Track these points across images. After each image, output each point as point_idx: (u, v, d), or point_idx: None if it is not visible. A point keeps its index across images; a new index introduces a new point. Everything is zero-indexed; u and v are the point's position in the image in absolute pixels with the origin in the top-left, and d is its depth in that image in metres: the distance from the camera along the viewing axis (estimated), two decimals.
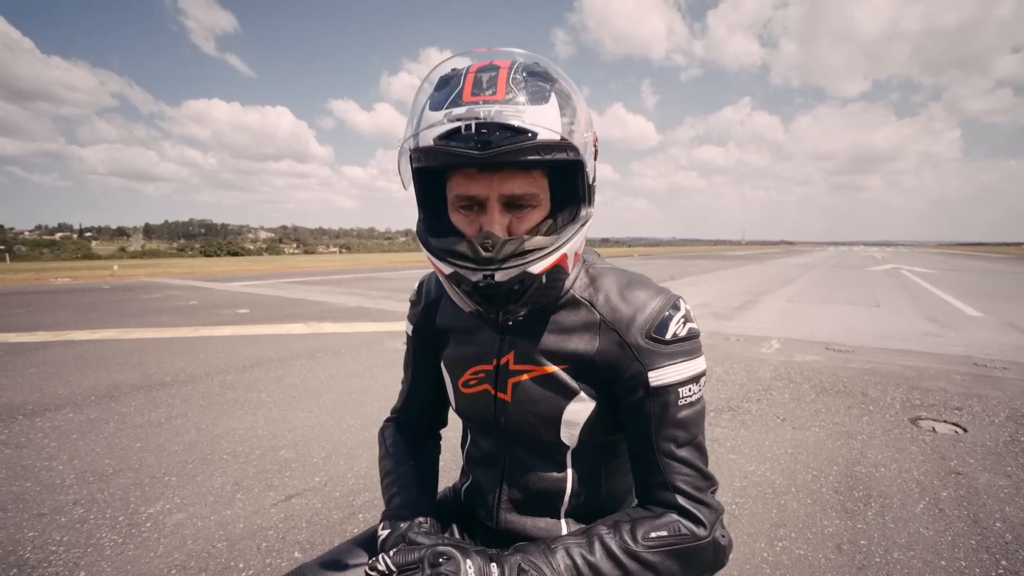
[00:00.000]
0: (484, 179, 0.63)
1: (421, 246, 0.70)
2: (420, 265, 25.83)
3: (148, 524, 2.29)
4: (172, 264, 29.85)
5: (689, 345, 0.72)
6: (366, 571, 0.62)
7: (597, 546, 0.66)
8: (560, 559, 0.65)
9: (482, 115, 0.58)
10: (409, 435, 0.95)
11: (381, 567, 0.62)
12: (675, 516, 0.69)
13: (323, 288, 13.51)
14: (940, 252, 59.80)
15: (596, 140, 0.69)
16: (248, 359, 5.46)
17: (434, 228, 0.70)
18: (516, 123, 0.58)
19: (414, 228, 0.74)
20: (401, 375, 1.02)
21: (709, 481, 0.72)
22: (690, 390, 0.71)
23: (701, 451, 0.73)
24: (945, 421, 3.56)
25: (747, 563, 2.01)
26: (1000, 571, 1.94)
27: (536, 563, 0.64)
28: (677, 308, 0.72)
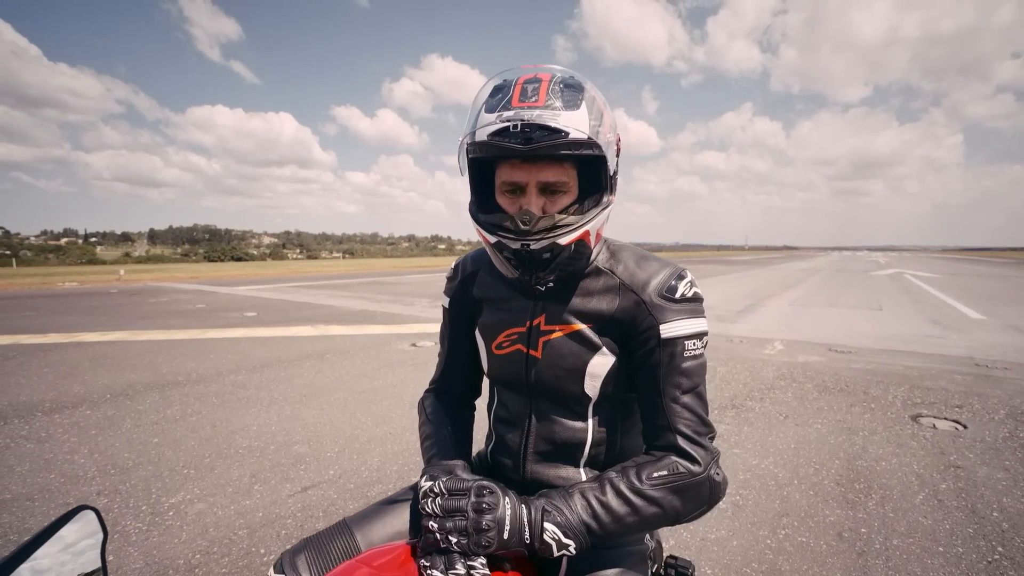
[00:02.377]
0: (525, 168, 0.77)
1: (472, 220, 0.84)
2: (423, 270, 25.95)
3: (171, 513, 2.37)
4: (177, 269, 30.05)
5: (695, 306, 0.85)
6: (419, 491, 0.74)
7: (608, 488, 0.77)
8: (577, 500, 0.76)
9: (526, 117, 0.72)
10: (446, 403, 1.06)
11: (436, 489, 0.74)
12: (673, 457, 0.80)
13: (328, 292, 13.63)
14: (943, 257, 59.68)
15: (619, 140, 0.83)
16: (258, 360, 5.56)
17: (483, 207, 0.85)
18: (552, 124, 0.72)
19: (416, 234, 0.85)
20: (399, 377, 1.12)
21: (708, 427, 0.83)
22: (695, 344, 0.83)
23: (702, 400, 0.84)
24: (945, 418, 3.62)
25: (751, 549, 2.08)
26: (996, 557, 2.01)
27: (557, 504, 0.76)
28: (683, 277, 0.86)
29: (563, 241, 0.77)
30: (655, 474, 0.78)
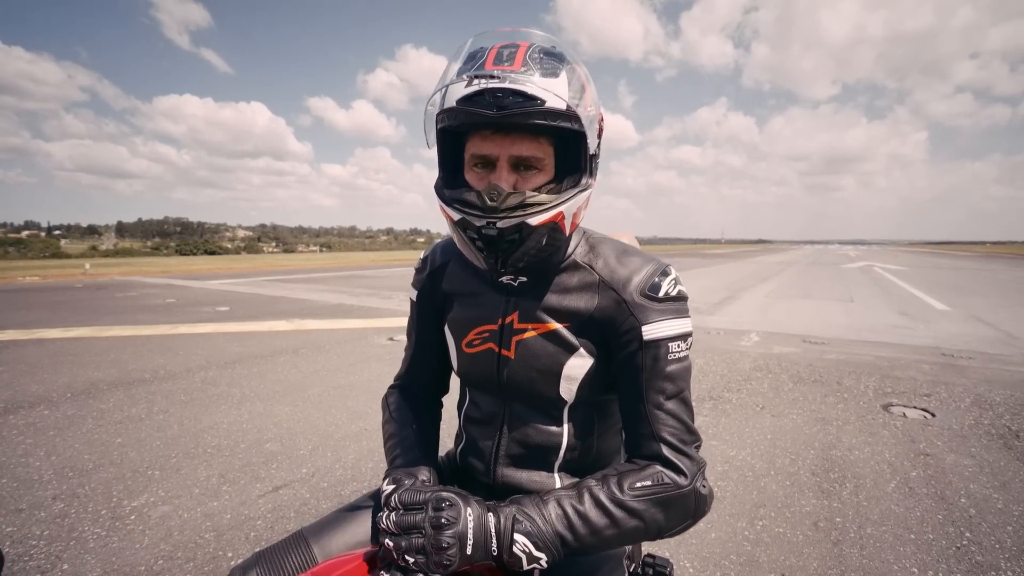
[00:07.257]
0: (497, 140, 0.70)
1: (437, 197, 0.76)
2: (402, 264, 25.63)
3: (132, 517, 2.26)
4: (147, 263, 29.06)
5: (679, 305, 0.79)
6: (382, 497, 0.70)
7: (586, 496, 0.71)
8: (552, 509, 0.70)
9: (499, 78, 0.65)
10: (412, 400, 0.99)
11: (393, 502, 0.68)
12: (659, 467, 0.74)
13: (305, 286, 13.34)
14: (910, 251, 61.75)
15: (602, 119, 0.76)
16: (230, 355, 5.39)
17: (451, 185, 0.76)
18: (528, 90, 0.65)
19: (395, 227, 0.77)
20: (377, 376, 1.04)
21: (693, 436, 0.77)
22: (679, 347, 0.77)
23: (687, 406, 0.78)
24: (915, 407, 3.72)
25: (729, 541, 2.08)
26: (964, 542, 2.05)
27: (530, 513, 0.69)
28: (667, 274, 0.80)
29: (533, 221, 0.69)
30: (638, 484, 0.72)
